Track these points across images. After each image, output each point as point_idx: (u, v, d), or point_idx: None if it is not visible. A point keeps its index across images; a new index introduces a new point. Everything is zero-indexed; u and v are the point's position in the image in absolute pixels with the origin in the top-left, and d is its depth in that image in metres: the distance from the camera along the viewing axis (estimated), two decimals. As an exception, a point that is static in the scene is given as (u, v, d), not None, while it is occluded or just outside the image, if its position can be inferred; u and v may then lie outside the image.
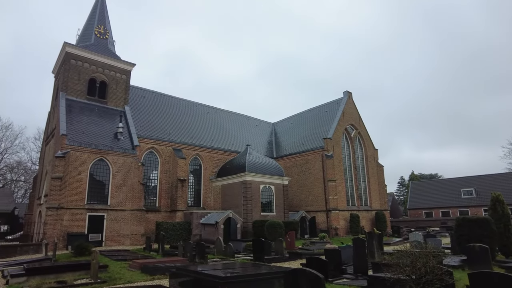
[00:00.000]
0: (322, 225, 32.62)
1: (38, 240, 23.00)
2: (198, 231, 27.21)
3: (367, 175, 38.81)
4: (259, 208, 29.68)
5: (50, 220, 21.74)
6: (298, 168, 36.84)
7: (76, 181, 23.44)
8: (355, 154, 38.37)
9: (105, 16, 33.86)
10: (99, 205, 24.12)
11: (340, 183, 34.30)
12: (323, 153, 34.23)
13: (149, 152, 30.44)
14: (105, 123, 27.57)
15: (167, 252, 19.24)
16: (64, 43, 28.62)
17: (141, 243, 24.18)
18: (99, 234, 23.58)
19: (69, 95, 27.57)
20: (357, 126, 39.14)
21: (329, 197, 32.63)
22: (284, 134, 43.77)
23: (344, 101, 38.87)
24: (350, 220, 33.21)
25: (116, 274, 12.27)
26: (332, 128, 35.87)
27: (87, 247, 17.87)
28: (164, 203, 30.18)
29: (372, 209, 37.54)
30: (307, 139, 38.04)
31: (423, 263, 6.60)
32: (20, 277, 11.07)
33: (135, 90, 34.11)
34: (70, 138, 23.89)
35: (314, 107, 43.66)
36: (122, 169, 25.69)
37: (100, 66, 30.08)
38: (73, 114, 26.16)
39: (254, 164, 30.81)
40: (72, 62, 28.51)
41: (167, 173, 30.98)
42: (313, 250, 19.80)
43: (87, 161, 24.20)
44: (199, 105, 40.49)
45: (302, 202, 35.31)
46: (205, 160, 33.95)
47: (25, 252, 20.03)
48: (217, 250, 18.89)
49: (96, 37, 31.98)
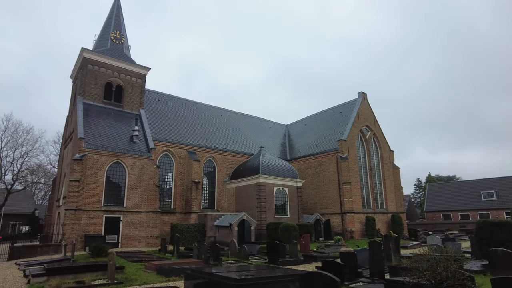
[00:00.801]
0: (337, 228, 32.24)
1: (57, 241, 23.54)
2: (213, 233, 27.31)
3: (383, 177, 38.18)
4: (273, 210, 29.58)
5: (69, 222, 22.23)
6: (312, 170, 36.56)
7: (93, 183, 23.91)
8: (371, 155, 37.81)
9: (121, 22, 34.55)
10: (115, 207, 24.53)
11: (355, 185, 33.85)
12: (337, 155, 33.87)
13: (164, 155, 30.79)
14: (121, 127, 28.06)
15: (182, 253, 19.36)
16: (82, 49, 29.32)
17: (156, 245, 24.43)
18: (115, 235, 23.95)
19: (86, 99, 28.20)
20: (372, 127, 38.59)
21: (344, 200, 32.24)
22: (298, 136, 43.53)
23: (359, 102, 38.40)
24: (366, 223, 32.70)
25: (132, 275, 12.42)
26: (347, 130, 35.47)
27: (104, 248, 18.18)
28: (179, 205, 30.45)
29: (388, 211, 36.87)
30: (321, 141, 37.73)
31: (444, 267, 6.41)
32: (41, 277, 11.36)
33: (150, 94, 34.61)
34: (87, 141, 24.41)
35: (328, 108, 43.30)
36: (138, 172, 26.06)
37: (116, 71, 30.68)
38: (90, 118, 26.73)
39: (268, 166, 30.74)
40: (89, 67, 29.17)
41: (182, 175, 31.26)
42: (328, 253, 19.54)
43: (103, 164, 24.66)
44: (213, 108, 40.75)
45: (316, 204, 35.00)
46: (219, 162, 34.11)
47: (45, 252, 20.56)
48: (231, 252, 18.90)
49: (112, 42, 32.64)
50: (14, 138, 41.00)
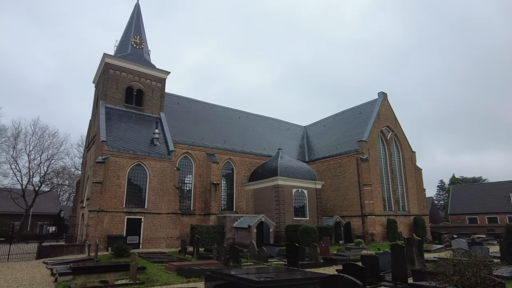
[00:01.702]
0: (357, 230, 31.66)
1: (81, 241, 24.23)
2: (231, 234, 27.38)
3: (405, 178, 37.24)
4: (291, 212, 29.37)
5: (92, 223, 22.83)
6: (331, 172, 36.09)
7: (115, 185, 24.47)
8: (392, 157, 36.97)
9: (141, 27, 35.33)
10: (136, 209, 25.01)
11: (376, 187, 33.17)
12: (358, 156, 33.30)
13: (183, 157, 31.19)
14: (142, 130, 28.64)
15: (201, 255, 19.51)
16: (104, 54, 30.17)
17: (177, 246, 24.73)
18: (137, 236, 24.40)
19: (108, 103, 28.96)
20: (393, 128, 37.74)
21: (365, 202, 31.63)
22: (316, 137, 43.11)
23: (379, 102, 37.65)
24: (387, 225, 31.94)
25: (154, 275, 12.60)
26: (367, 130, 34.83)
27: (126, 249, 18.56)
28: (198, 207, 30.74)
29: (410, 214, 35.91)
30: (341, 142, 37.21)
31: (473, 272, 6.15)
32: (67, 276, 11.72)
33: (170, 97, 35.15)
34: (109, 144, 25.03)
35: (347, 109, 42.68)
36: (158, 174, 26.51)
37: (136, 75, 31.36)
38: (112, 122, 27.42)
39: (286, 168, 30.58)
40: (111, 72, 29.95)
41: (201, 177, 31.56)
42: (349, 256, 19.22)
43: (125, 166, 25.21)
44: (231, 110, 40.97)
45: (336, 207, 34.50)
46: (237, 164, 34.22)
47: (70, 252, 21.23)
48: (250, 254, 18.88)
49: (133, 47, 33.41)
50: (41, 141, 42.75)
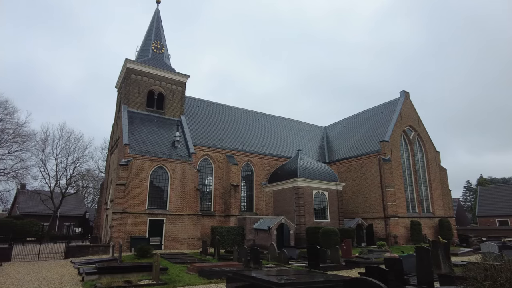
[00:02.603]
0: (380, 233, 30.97)
1: (106, 241, 24.89)
2: (252, 236, 27.40)
3: (429, 179, 36.14)
4: (312, 214, 29.09)
5: (116, 224, 23.42)
6: (352, 173, 35.49)
7: (138, 187, 25.02)
8: (415, 157, 35.96)
9: (161, 32, 36.05)
10: (158, 210, 25.46)
11: (399, 188, 32.36)
12: (379, 156, 32.60)
13: (204, 159, 31.52)
14: (163, 133, 29.18)
15: (222, 256, 19.62)
16: (126, 60, 30.97)
17: (198, 247, 24.98)
18: (159, 237, 24.83)
19: (130, 107, 29.68)
20: (416, 127, 36.73)
21: (388, 203, 30.90)
22: (337, 138, 42.54)
23: (401, 102, 36.74)
24: (411, 227, 31.08)
25: (176, 276, 12.77)
26: (389, 130, 34.04)
27: (148, 249, 18.93)
28: (219, 208, 30.95)
29: (435, 216, 34.80)
30: (362, 143, 36.54)
31: (507, 278, 5.86)
32: (93, 275, 12.06)
33: (190, 101, 35.64)
34: (132, 147, 25.63)
35: (368, 109, 41.90)
36: (179, 176, 26.90)
37: (157, 79, 32.00)
38: (134, 125, 28.08)
39: (306, 169, 30.33)
40: (132, 77, 30.70)
41: (221, 179, 31.78)
42: (371, 258, 18.83)
43: (147, 169, 25.74)
44: (250, 112, 41.08)
45: (358, 208, 33.89)
46: (256, 165, 34.25)
47: (95, 252, 21.87)
48: (271, 256, 18.82)
49: (153, 52, 34.13)
50: (67, 145, 44.25)
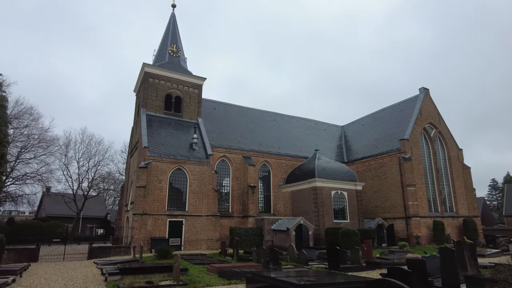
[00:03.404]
0: (401, 233, 30.30)
1: (127, 243, 25.42)
2: (270, 237, 27.35)
3: (451, 178, 35.09)
4: (331, 215, 28.78)
5: (136, 225, 23.88)
6: (372, 173, 34.89)
7: (157, 189, 25.45)
8: (436, 155, 35.02)
9: (177, 36, 36.61)
10: (178, 211, 25.80)
11: (420, 187, 31.58)
12: (399, 155, 31.92)
13: (221, 160, 31.73)
14: (181, 135, 29.58)
15: (241, 257, 19.67)
16: (143, 64, 31.58)
17: (216, 248, 25.15)
18: (178, 238, 25.16)
19: (149, 110, 30.23)
20: (437, 125, 35.76)
21: (409, 203, 30.19)
22: (355, 137, 41.94)
23: (421, 99, 35.85)
24: (433, 227, 30.25)
25: (196, 277, 12.89)
26: (409, 128, 33.28)
27: (169, 250, 19.22)
28: (237, 209, 31.07)
29: (458, 215, 33.76)
30: (381, 141, 35.88)
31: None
32: (116, 276, 12.34)
33: (206, 103, 35.96)
34: (151, 150, 26.09)
35: (386, 106, 41.10)
36: (197, 177, 27.20)
37: (174, 82, 32.48)
38: (153, 128, 28.59)
39: (324, 169, 30.04)
40: (150, 81, 31.27)
41: (238, 180, 31.90)
42: (393, 259, 18.43)
43: (166, 171, 26.14)
44: (266, 113, 41.05)
45: (378, 208, 33.27)
46: (273, 166, 34.19)
47: (117, 253, 22.39)
48: (290, 257, 18.73)
49: (170, 55, 34.67)
50: (88, 149, 45.59)
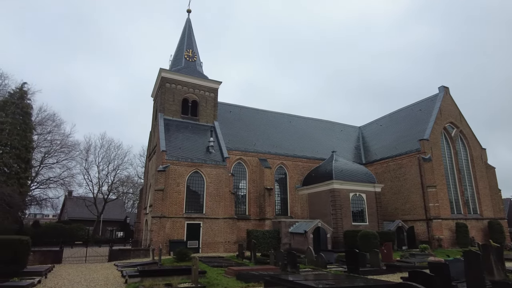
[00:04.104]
0: (422, 235, 29.55)
1: (146, 245, 25.83)
2: (287, 239, 27.21)
3: (474, 178, 34.01)
4: (349, 217, 28.38)
5: (155, 228, 24.24)
6: (391, 174, 34.23)
7: (175, 192, 25.77)
8: (458, 155, 34.03)
9: (192, 41, 37.10)
10: (195, 214, 26.05)
11: (441, 188, 30.74)
12: (419, 156, 31.19)
13: (237, 163, 31.86)
14: (198, 138, 29.91)
15: (259, 260, 19.65)
16: (160, 69, 32.15)
17: (234, 250, 25.21)
18: (196, 241, 25.37)
19: (166, 115, 30.73)
20: (458, 124, 34.77)
21: (429, 205, 29.44)
22: (373, 138, 41.28)
23: (440, 98, 34.97)
24: (456, 230, 29.37)
25: (214, 280, 12.96)
26: (429, 128, 32.49)
27: (187, 253, 19.39)
28: (253, 212, 31.09)
29: (483, 217, 32.63)
30: (400, 142, 35.16)
31: None
32: (136, 278, 12.57)
33: (222, 106, 36.20)
34: (169, 153, 26.48)
35: (405, 106, 40.31)
36: (214, 180, 27.40)
37: (191, 87, 32.90)
38: (170, 132, 29.03)
39: (342, 171, 29.69)
40: (167, 86, 31.79)
41: (255, 182, 31.93)
42: (414, 263, 18.03)
43: (184, 174, 26.46)
44: (281, 115, 40.98)
45: (397, 210, 32.59)
46: (289, 168, 34.05)
47: (136, 255, 22.77)
48: (308, 260, 18.57)
49: (186, 60, 35.16)
50: (108, 154, 46.71)
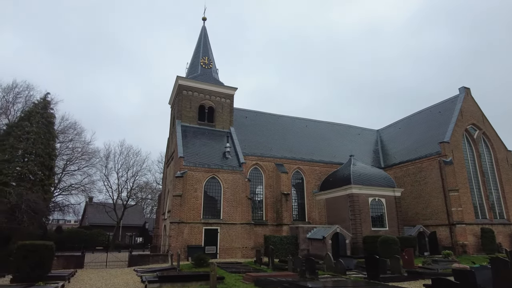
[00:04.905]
0: (444, 241, 28.65)
1: (164, 251, 26.08)
2: (305, 245, 26.92)
3: (500, 181, 32.81)
4: (369, 222, 27.85)
5: (173, 234, 24.47)
6: (411, 178, 33.44)
7: (193, 198, 25.99)
8: (481, 158, 32.93)
9: (208, 48, 37.59)
10: (212, 219, 26.17)
11: (464, 192, 29.79)
12: (440, 159, 30.37)
13: (254, 168, 31.88)
14: (214, 144, 30.14)
15: (276, 266, 19.50)
16: (177, 77, 32.70)
17: (251, 256, 25.13)
18: (214, 246, 25.44)
19: (183, 121, 31.15)
20: (480, 125, 33.72)
21: (452, 209, 28.55)
22: (392, 141, 40.50)
23: (461, 99, 34.05)
24: (482, 235, 28.34)
25: (232, 285, 12.94)
26: (449, 130, 31.65)
27: (205, 259, 19.47)
28: (271, 217, 30.95)
29: (510, 222, 31.38)
30: (420, 145, 34.36)
31: None
32: (155, 283, 12.67)
33: (238, 112, 36.39)
34: (186, 159, 26.78)
35: (424, 108, 39.47)
36: (231, 185, 27.48)
37: (207, 94, 33.26)
38: (187, 138, 29.38)
39: (360, 175, 29.23)
40: (184, 93, 32.26)
41: (271, 187, 31.83)
42: (437, 269, 17.48)
43: (201, 180, 26.68)
44: (297, 119, 40.80)
45: (418, 215, 31.76)
46: (306, 173, 33.79)
47: (155, 261, 23.00)
48: (326, 266, 18.29)
49: (202, 67, 35.62)
50: (127, 160, 47.55)
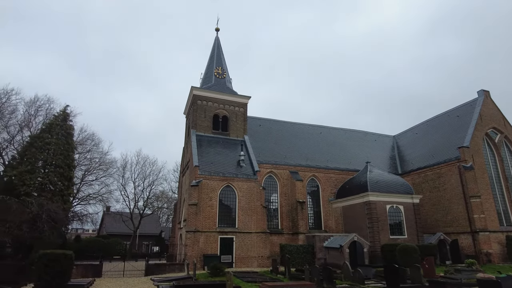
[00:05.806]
0: (467, 249, 27.66)
1: (180, 260, 26.17)
2: (322, 254, 26.49)
3: (525, 187, 31.59)
4: (387, 230, 27.22)
5: (189, 243, 24.54)
6: (429, 184, 32.61)
7: (208, 206, 26.07)
8: (504, 162, 31.86)
9: (221, 58, 38.10)
10: (228, 228, 26.13)
11: (487, 198, 28.81)
12: (459, 164, 29.54)
13: (268, 176, 31.78)
14: (229, 153, 30.28)
15: (293, 275, 19.25)
16: (192, 87, 33.19)
17: (267, 265, 24.88)
18: (230, 255, 25.33)
19: (198, 131, 31.48)
20: (502, 129, 32.71)
21: (474, 216, 27.60)
22: (409, 147, 39.71)
23: (480, 102, 33.17)
24: (507, 244, 27.27)
25: (248, 295, 12.82)
26: (469, 135, 30.82)
27: (221, 268, 19.43)
28: (286, 226, 30.66)
29: (537, 230, 30.08)
30: (438, 150, 33.56)
31: None
32: (171, 293, 12.67)
33: (252, 120, 36.51)
34: (201, 168, 26.98)
35: (441, 113, 38.63)
36: (246, 194, 27.45)
37: (221, 103, 33.60)
38: (202, 148, 29.65)
39: (377, 182, 28.71)
40: (198, 103, 32.67)
41: (286, 195, 31.61)
42: (460, 279, 16.85)
43: (216, 188, 26.77)
44: (312, 126, 40.59)
45: (438, 222, 30.84)
46: (322, 181, 33.43)
47: (172, 270, 23.09)
48: (344, 275, 17.95)
49: (216, 77, 36.06)
50: (143, 170, 48.27)
